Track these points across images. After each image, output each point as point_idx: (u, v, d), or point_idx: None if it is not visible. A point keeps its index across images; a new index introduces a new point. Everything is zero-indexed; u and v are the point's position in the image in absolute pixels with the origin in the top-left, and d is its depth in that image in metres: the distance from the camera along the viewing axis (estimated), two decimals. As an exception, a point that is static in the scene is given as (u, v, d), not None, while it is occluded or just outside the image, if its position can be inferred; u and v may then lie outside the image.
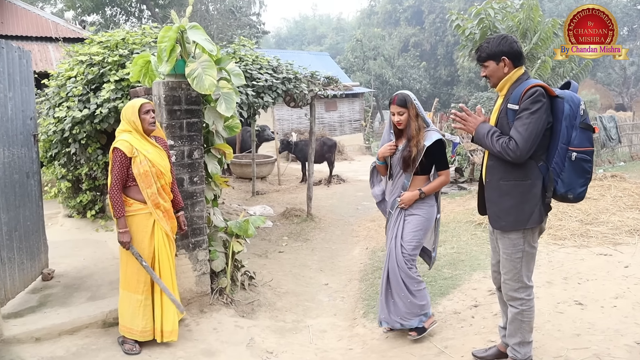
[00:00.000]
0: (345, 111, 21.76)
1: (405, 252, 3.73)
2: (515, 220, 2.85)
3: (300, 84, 7.24)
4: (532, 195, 2.81)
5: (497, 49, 2.86)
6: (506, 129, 2.83)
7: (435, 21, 39.37)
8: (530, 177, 2.80)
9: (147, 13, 27.75)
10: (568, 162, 2.74)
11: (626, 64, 38.74)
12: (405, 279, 3.74)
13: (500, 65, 2.87)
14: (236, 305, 4.58)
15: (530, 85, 2.72)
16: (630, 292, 4.17)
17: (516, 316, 2.97)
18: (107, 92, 5.03)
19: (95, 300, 4.22)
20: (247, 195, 10.95)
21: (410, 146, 3.64)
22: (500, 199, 2.90)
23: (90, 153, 5.80)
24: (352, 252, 7.03)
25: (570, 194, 2.78)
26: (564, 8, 37.22)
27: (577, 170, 2.74)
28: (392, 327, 3.87)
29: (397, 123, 3.70)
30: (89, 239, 6.01)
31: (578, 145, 2.72)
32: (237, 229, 4.63)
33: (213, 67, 3.85)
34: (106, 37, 5.64)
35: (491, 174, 2.95)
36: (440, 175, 3.77)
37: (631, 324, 3.60)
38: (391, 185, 3.88)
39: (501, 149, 2.75)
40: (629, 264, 4.82)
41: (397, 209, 3.81)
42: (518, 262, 2.90)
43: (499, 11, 13.52)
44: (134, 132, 3.55)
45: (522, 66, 2.89)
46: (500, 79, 2.91)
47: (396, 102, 3.67)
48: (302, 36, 60.96)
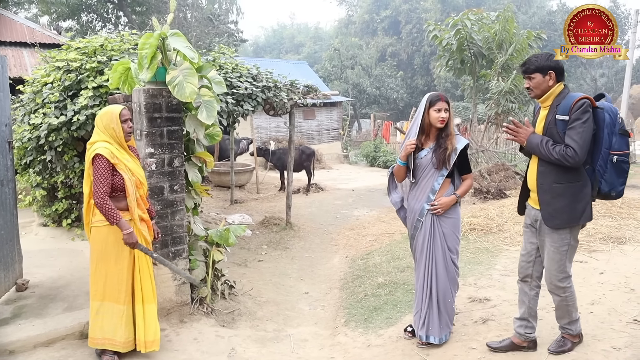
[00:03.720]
0: (324, 120, 21.80)
1: (454, 257, 3.70)
2: (569, 218, 3.15)
3: (280, 92, 7.23)
4: (583, 195, 3.13)
5: (545, 63, 3.15)
6: (556, 137, 3.11)
7: (412, 31, 39.86)
8: (581, 179, 3.12)
9: (124, 20, 27.48)
10: (610, 164, 3.08)
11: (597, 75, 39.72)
12: (452, 287, 3.72)
13: (546, 78, 3.16)
14: (217, 314, 4.53)
15: (579, 97, 3.03)
16: (606, 298, 4.25)
17: (561, 303, 3.30)
18: (84, 99, 4.95)
19: (72, 310, 4.13)
20: (226, 204, 10.88)
21: (447, 143, 3.58)
22: (554, 200, 3.17)
23: (66, 161, 5.70)
24: (332, 260, 7.03)
25: (613, 192, 3.13)
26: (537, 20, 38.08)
27: (617, 170, 3.10)
28: (435, 340, 3.74)
29: (441, 120, 3.58)
30: (65, 248, 5.89)
31: (618, 149, 3.06)
32: (217, 237, 4.59)
33: (194, 75, 3.83)
34: (84, 43, 5.56)
35: (543, 178, 3.22)
36: (467, 179, 3.73)
37: (607, 329, 3.66)
38: (415, 190, 3.75)
39: (560, 156, 3.03)
40: (604, 270, 4.92)
41: (428, 215, 3.69)
42: (564, 254, 3.21)
43: (476, 22, 13.76)
44: (112, 140, 3.43)
45: (563, 81, 3.20)
46: (545, 91, 3.19)
47: (444, 99, 3.60)
48: (280, 45, 61.05)
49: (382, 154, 18.74)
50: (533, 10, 40.70)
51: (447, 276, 3.69)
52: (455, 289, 3.78)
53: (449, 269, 3.70)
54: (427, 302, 3.73)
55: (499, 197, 9.52)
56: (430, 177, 3.67)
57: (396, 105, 37.13)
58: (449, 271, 3.70)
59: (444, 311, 3.72)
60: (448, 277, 3.70)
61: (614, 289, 4.43)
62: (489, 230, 6.79)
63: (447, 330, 3.77)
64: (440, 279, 3.69)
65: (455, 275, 3.75)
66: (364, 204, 11.01)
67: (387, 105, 36.70)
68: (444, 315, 3.73)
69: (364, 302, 5.07)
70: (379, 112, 33.52)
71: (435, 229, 3.68)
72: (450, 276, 3.71)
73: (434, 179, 3.66)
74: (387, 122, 21.89)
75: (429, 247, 3.70)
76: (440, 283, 3.69)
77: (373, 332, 4.34)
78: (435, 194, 3.66)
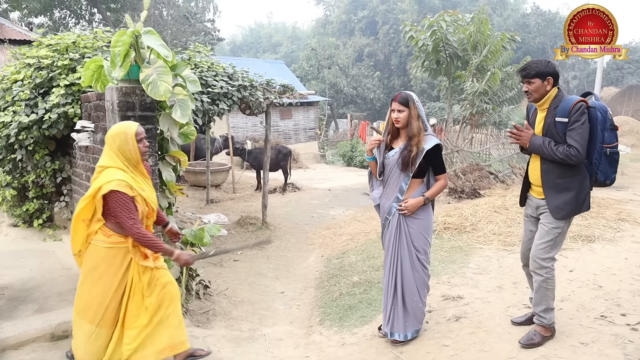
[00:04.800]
0: (300, 119, 21.80)
1: (422, 257, 3.70)
2: (573, 208, 3.41)
3: (256, 91, 7.21)
4: (584, 187, 3.40)
5: (545, 69, 3.37)
6: (557, 137, 3.37)
7: (389, 32, 40.09)
8: (581, 173, 3.38)
9: (98, 17, 27.05)
10: (604, 157, 3.39)
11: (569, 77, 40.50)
12: (420, 285, 3.72)
13: (544, 83, 3.39)
14: (191, 315, 4.51)
15: (577, 101, 3.30)
16: (575, 295, 4.35)
17: (542, 284, 3.47)
18: (56, 97, 4.87)
19: (43, 312, 4.05)
20: (202, 204, 10.80)
21: (411, 145, 3.59)
22: (560, 194, 3.41)
23: (37, 160, 5.60)
24: (308, 260, 7.04)
25: (608, 181, 3.45)
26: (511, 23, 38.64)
27: (610, 161, 3.41)
28: (400, 337, 3.78)
29: (395, 120, 3.62)
30: (36, 249, 5.77)
31: (610, 142, 3.38)
32: (192, 237, 4.56)
33: (168, 73, 3.80)
34: (56, 40, 5.47)
35: (547, 175, 3.46)
36: (440, 180, 3.72)
37: (575, 325, 3.75)
38: (386, 188, 3.79)
39: (564, 156, 3.28)
40: (573, 268, 5.03)
41: (395, 214, 3.72)
42: (556, 235, 3.43)
43: (451, 24, 13.92)
44: (127, 164, 3.07)
45: (557, 85, 3.46)
46: (543, 95, 3.43)
47: (398, 100, 3.61)
48: (258, 44, 60.81)
49: (358, 153, 18.81)
50: (508, 13, 41.29)
51: (413, 275, 3.70)
52: (424, 290, 3.77)
53: (416, 269, 3.70)
54: (391, 298, 3.77)
55: (474, 196, 9.64)
56: (398, 177, 3.70)
57: (373, 105, 37.30)
58: (417, 271, 3.71)
59: (410, 309, 3.74)
60: (415, 276, 3.70)
61: (582, 286, 4.54)
62: (463, 229, 6.88)
63: (413, 328, 3.79)
64: (405, 277, 3.71)
65: (424, 276, 3.75)
66: (340, 204, 11.04)
67: (364, 105, 36.84)
68: (409, 313, 3.75)
69: (339, 301, 5.09)
70: (355, 112, 33.64)
71: (402, 228, 3.71)
72: (417, 276, 3.71)
73: (401, 179, 3.69)
74: (363, 122, 21.97)
75: (394, 246, 3.74)
76: (405, 281, 3.71)
77: (348, 331, 4.36)
78: (403, 194, 3.69)
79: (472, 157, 12.88)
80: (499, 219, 7.09)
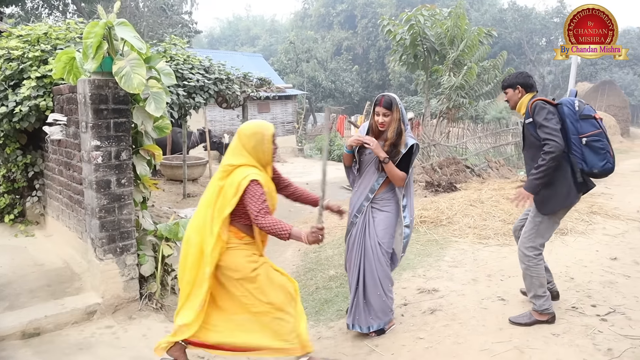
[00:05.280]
0: (278, 113, 21.72)
1: (385, 250, 3.70)
2: (557, 202, 3.57)
3: (232, 84, 7.16)
4: (563, 180, 3.52)
5: (514, 80, 3.76)
6: (530, 138, 3.65)
7: (368, 26, 40.15)
8: (560, 167, 3.50)
9: (72, 7, 26.49)
10: (583, 147, 3.49)
11: (545, 72, 41.09)
12: (382, 278, 3.71)
13: (515, 92, 3.76)
14: (166, 310, 4.46)
15: (531, 102, 3.59)
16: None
17: (525, 272, 3.71)
18: (27, 89, 4.76)
19: (14, 310, 3.97)
20: (178, 198, 10.70)
21: (386, 146, 3.60)
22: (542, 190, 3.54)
23: (8, 154, 5.48)
24: (285, 254, 7.03)
25: (595, 170, 3.49)
26: (488, 18, 39.03)
27: (592, 150, 3.48)
28: (362, 329, 3.80)
29: (380, 125, 3.62)
30: (7, 245, 5.65)
31: (585, 132, 3.49)
32: (167, 232, 4.51)
33: (142, 66, 3.74)
34: (27, 30, 5.35)
35: (529, 171, 3.65)
36: (401, 173, 3.62)
37: (548, 317, 3.82)
38: (359, 185, 3.81)
39: (546, 161, 3.41)
40: (547, 260, 5.09)
41: (365, 213, 3.74)
42: (537, 224, 3.64)
43: (429, 18, 13.97)
44: (259, 164, 3.05)
45: (532, 92, 3.74)
46: (516, 102, 3.77)
47: (383, 104, 3.59)
48: (236, 37, 60.34)
49: (336, 147, 18.82)
50: (485, 8, 41.70)
51: (376, 269, 3.71)
52: (387, 284, 3.77)
53: (379, 263, 3.70)
54: (354, 291, 3.80)
55: (450, 190, 9.74)
56: (372, 175, 3.73)
57: (351, 99, 37.35)
58: (380, 263, 3.70)
59: (373, 302, 3.75)
60: (378, 270, 3.71)
61: (555, 278, 4.59)
62: (439, 222, 6.94)
63: (377, 322, 3.78)
64: (367, 271, 3.73)
65: (388, 269, 3.76)
66: (318, 198, 11.02)
67: (343, 99, 36.87)
68: (372, 306, 3.76)
69: (315, 295, 5.10)
70: (334, 105, 33.63)
71: (369, 221, 3.74)
72: (380, 269, 3.71)
73: (374, 178, 3.72)
74: (341, 116, 21.97)
75: (359, 240, 3.76)
76: (367, 275, 3.73)
77: (324, 324, 4.37)
78: (374, 193, 3.73)
79: (448, 151, 13.01)
80: (474, 213, 7.17)
